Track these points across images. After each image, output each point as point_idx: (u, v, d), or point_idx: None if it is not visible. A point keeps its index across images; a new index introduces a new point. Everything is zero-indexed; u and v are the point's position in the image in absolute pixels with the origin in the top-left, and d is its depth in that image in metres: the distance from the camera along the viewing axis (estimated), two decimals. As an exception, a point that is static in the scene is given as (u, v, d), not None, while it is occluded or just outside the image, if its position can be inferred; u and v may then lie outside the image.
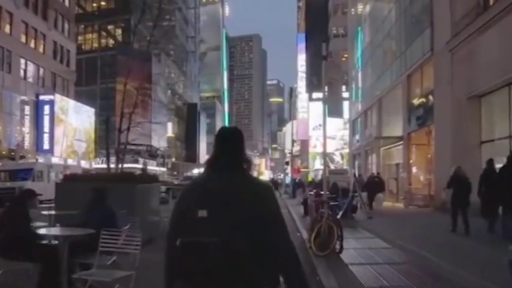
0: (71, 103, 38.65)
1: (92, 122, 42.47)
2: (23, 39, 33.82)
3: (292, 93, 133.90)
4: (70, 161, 35.74)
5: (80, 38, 56.08)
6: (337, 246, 6.51)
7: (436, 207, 15.02)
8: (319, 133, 47.11)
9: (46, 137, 35.14)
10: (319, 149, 47.14)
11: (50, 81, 37.29)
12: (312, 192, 11.56)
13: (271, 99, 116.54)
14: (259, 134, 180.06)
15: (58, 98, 36.32)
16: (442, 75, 14.89)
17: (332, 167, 45.19)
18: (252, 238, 1.61)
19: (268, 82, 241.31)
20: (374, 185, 15.84)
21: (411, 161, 19.05)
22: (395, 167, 21.81)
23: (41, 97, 35.13)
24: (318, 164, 48.02)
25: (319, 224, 6.58)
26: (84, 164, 37.90)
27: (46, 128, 35.17)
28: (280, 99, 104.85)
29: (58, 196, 6.73)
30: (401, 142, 19.86)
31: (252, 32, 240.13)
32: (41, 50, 36.12)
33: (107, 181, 6.31)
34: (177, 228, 1.70)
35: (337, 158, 45.96)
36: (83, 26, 55.22)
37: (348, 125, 39.09)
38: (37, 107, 34.88)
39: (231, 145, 1.79)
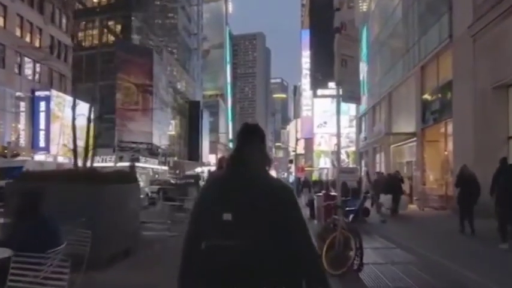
0: (68, 99, 37.37)
1: (91, 119, 41.26)
2: (18, 33, 32.70)
3: (296, 91, 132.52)
4: (61, 159, 34.50)
5: (80, 34, 55.07)
6: (356, 262, 5.18)
7: (454, 209, 13.66)
8: (324, 130, 45.81)
9: (42, 134, 33.99)
10: (324, 147, 45.70)
11: (46, 76, 36.14)
12: (320, 194, 10.12)
13: (275, 95, 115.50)
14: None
15: (54, 94, 35.14)
16: (463, 64, 13.53)
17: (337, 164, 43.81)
18: (274, 242, 1.61)
19: (272, 81, 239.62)
20: (399, 185, 13.60)
21: (425, 159, 17.66)
22: (407, 165, 20.45)
23: (37, 93, 33.98)
24: (322, 163, 46.58)
25: (332, 234, 5.26)
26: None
27: (42, 125, 34.02)
28: (283, 95, 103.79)
29: (8, 199, 5.40)
30: (414, 139, 18.50)
31: (256, 30, 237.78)
32: (37, 44, 34.94)
33: (68, 180, 5.06)
34: (200, 230, 1.66)
35: (343, 156, 44.54)
36: (84, 22, 54.24)
37: (354, 122, 37.80)
38: (33, 104, 33.77)
39: (253, 143, 1.76)
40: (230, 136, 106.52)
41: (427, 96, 17.17)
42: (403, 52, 20.03)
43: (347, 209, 5.50)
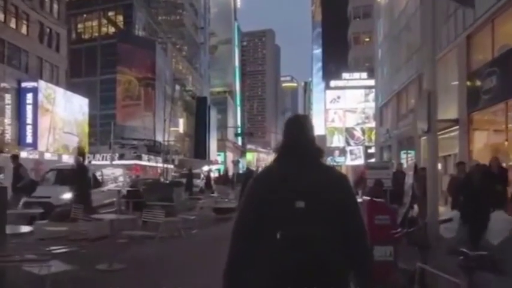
0: (60, 92, 34.46)
1: (86, 114, 38.35)
2: (1, 17, 29.80)
3: (307, 87, 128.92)
4: (48, 156, 31.41)
5: (79, 26, 52.57)
6: None
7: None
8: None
9: (29, 129, 31.07)
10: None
11: (35, 67, 33.25)
12: (359, 199, 6.35)
13: (284, 84, 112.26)
14: (273, 132, 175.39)
15: (43, 85, 32.17)
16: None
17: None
18: (338, 228, 1.62)
19: (282, 78, 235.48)
20: (498, 192, 6.89)
21: (472, 153, 14.08)
22: (444, 160, 16.85)
23: (23, 84, 31.08)
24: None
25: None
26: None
27: (29, 119, 31.10)
28: (294, 84, 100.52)
29: None
30: (455, 127, 14.95)
31: (265, 27, 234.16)
32: (23, 31, 32.03)
33: None
34: (264, 219, 1.63)
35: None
36: (84, 15, 51.65)
37: (370, 97, 34.88)
38: (19, 95, 30.90)
39: (305, 133, 1.79)
40: (239, 130, 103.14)
41: (476, 72, 13.61)
42: (441, 22, 16.39)
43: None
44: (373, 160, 29.59)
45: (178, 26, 66.07)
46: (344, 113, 41.44)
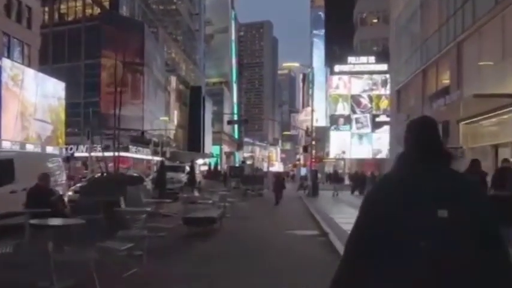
0: (29, 73, 30.29)
1: (62, 99, 34.24)
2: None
3: (306, 79, 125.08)
4: (17, 147, 27.28)
5: (62, 6, 48.75)
6: None
7: None
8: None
9: (-10, 114, 26.97)
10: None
11: (0, 44, 29.16)
12: None
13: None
14: (270, 125, 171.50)
15: (8, 64, 28.01)
16: None
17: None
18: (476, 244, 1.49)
19: (280, 72, 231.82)
20: None
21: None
22: (494, 150, 12.98)
23: (-16, 62, 26.95)
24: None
25: None
26: (52, 150, 29.85)
27: (-10, 103, 26.99)
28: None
29: None
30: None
31: (263, 19, 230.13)
32: (-15, 2, 27.94)
33: None
34: (401, 229, 1.48)
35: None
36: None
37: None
38: (-21, 76, 26.81)
39: (436, 136, 1.64)
40: (235, 117, 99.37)
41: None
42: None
43: None
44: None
45: (174, 15, 62.29)
46: (349, 78, 37.72)
